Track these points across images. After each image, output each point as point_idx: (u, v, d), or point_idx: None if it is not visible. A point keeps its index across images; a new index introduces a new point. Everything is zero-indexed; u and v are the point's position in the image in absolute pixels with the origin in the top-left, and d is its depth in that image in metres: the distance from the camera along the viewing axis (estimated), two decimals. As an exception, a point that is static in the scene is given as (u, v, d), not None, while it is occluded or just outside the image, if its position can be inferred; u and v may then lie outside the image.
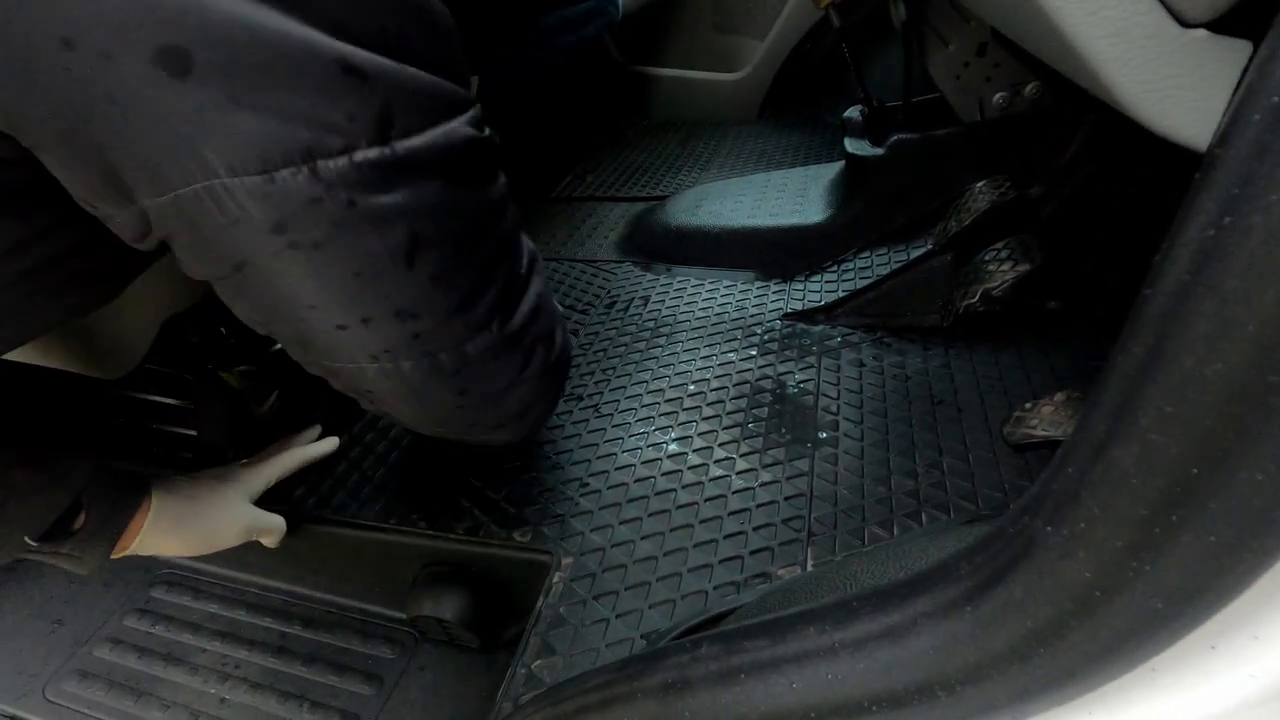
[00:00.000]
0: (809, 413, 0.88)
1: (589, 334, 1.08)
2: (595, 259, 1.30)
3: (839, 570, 0.48)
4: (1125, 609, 0.26)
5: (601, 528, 0.75)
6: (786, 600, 0.48)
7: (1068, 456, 0.27)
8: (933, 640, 0.30)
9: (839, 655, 0.32)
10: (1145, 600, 0.25)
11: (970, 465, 0.77)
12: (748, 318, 1.08)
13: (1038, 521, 0.28)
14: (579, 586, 0.69)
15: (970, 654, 0.29)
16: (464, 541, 0.76)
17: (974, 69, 1.10)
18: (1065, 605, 0.26)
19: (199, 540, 0.66)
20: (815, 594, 0.45)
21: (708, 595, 0.67)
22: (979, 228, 0.90)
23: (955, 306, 0.87)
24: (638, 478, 0.81)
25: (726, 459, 0.83)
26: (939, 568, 0.31)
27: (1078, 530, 0.26)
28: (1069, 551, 0.26)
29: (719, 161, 1.71)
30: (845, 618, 0.33)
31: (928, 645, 0.30)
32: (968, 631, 0.29)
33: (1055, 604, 0.26)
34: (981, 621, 0.28)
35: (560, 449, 0.87)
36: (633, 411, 0.91)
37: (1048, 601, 0.27)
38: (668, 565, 0.71)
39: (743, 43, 2.01)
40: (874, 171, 1.12)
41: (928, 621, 0.30)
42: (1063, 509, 0.26)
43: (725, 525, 0.74)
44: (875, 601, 0.33)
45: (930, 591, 0.31)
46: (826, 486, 0.78)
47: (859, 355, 0.97)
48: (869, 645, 0.31)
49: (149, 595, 0.89)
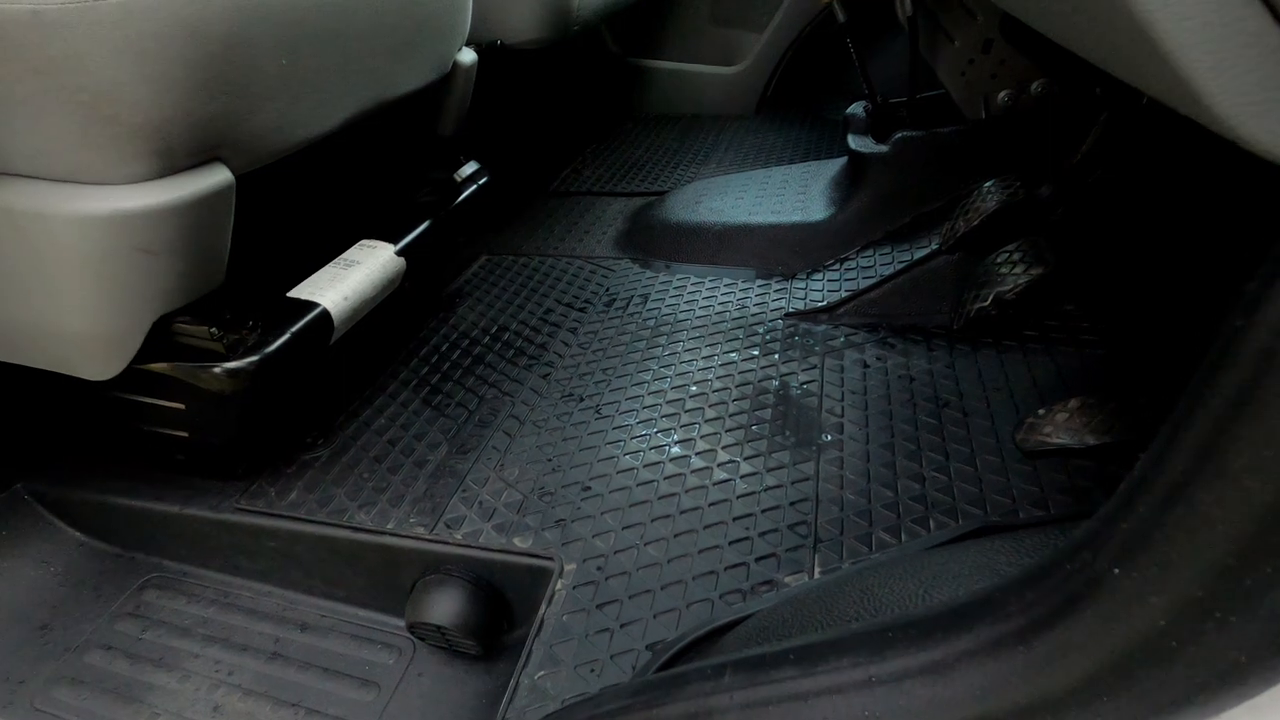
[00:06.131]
0: (813, 415, 0.87)
1: (588, 332, 1.07)
2: (594, 255, 1.28)
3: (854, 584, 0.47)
4: (1202, 660, 0.24)
5: (604, 533, 0.74)
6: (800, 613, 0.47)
7: (1137, 493, 0.25)
8: (979, 679, 0.28)
9: (875, 690, 0.30)
10: (1225, 652, 0.24)
11: (977, 470, 0.76)
12: (749, 317, 1.06)
13: (1101, 561, 0.26)
14: (582, 594, 0.68)
15: (1021, 695, 0.27)
16: (464, 547, 0.74)
17: (979, 66, 1.09)
18: (1134, 652, 0.25)
19: None
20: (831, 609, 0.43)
21: (713, 604, 0.66)
22: (987, 228, 0.89)
23: (966, 309, 0.86)
24: (640, 481, 0.80)
25: (730, 462, 0.81)
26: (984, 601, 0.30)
27: (1151, 574, 0.24)
28: (1140, 596, 0.25)
29: (718, 156, 1.70)
30: (881, 648, 0.32)
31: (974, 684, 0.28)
32: (1019, 672, 0.27)
33: (1122, 650, 0.25)
34: (1035, 663, 0.27)
35: (560, 451, 0.85)
36: (634, 413, 0.90)
37: (1113, 647, 0.25)
38: (672, 572, 0.69)
39: (741, 36, 1.99)
40: (877, 168, 1.11)
41: (973, 659, 0.29)
42: (1133, 550, 0.25)
43: (730, 531, 0.73)
44: (913, 633, 0.31)
45: (975, 627, 0.29)
46: (832, 490, 0.76)
47: (862, 356, 0.96)
48: (908, 681, 0.30)
49: (139, 599, 0.87)
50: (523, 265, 1.27)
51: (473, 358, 1.03)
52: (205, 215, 0.61)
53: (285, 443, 0.87)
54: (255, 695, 0.76)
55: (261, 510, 0.80)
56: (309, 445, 0.87)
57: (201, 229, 0.62)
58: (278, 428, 0.80)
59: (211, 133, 0.60)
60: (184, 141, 0.58)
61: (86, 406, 0.84)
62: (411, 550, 0.76)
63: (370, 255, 0.87)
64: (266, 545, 0.81)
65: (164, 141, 0.57)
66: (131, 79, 0.53)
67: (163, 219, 0.58)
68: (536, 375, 0.98)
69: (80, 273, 0.60)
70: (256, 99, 0.62)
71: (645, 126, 1.96)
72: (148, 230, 0.58)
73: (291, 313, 0.76)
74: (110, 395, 0.77)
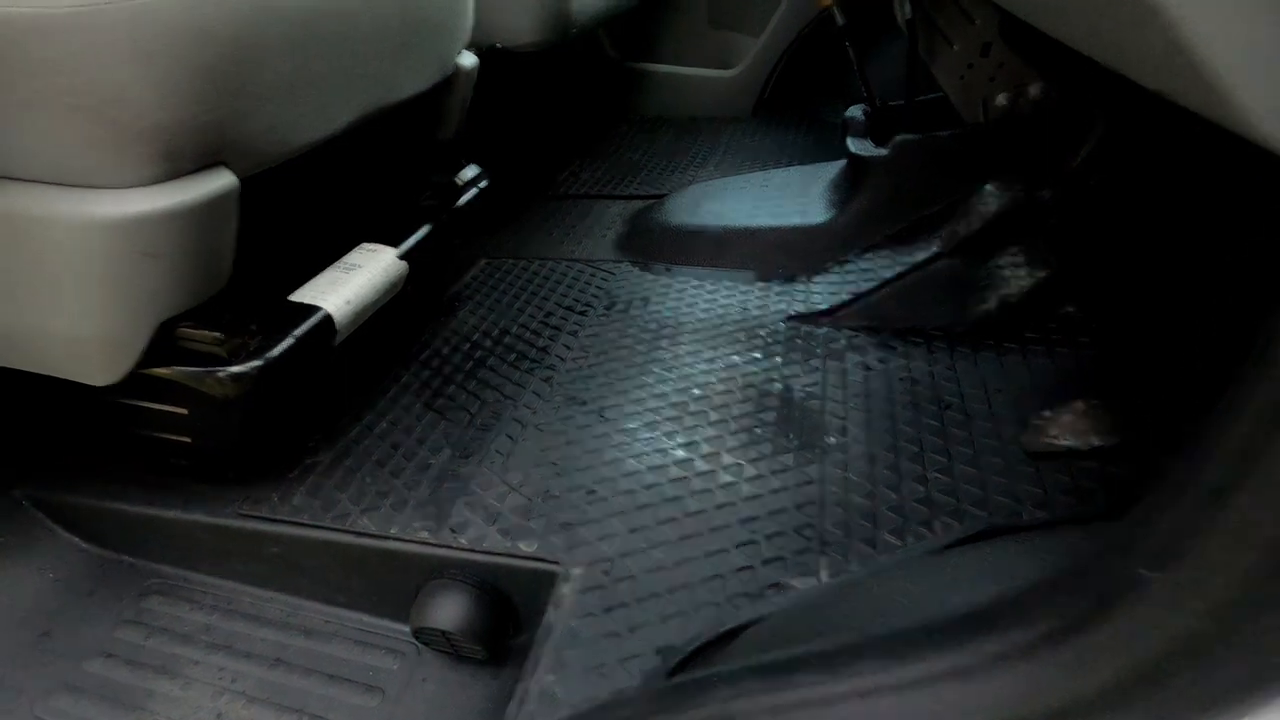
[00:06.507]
0: (816, 417, 0.87)
1: (589, 335, 1.07)
2: (593, 259, 1.28)
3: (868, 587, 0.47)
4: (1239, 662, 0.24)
5: (609, 537, 0.74)
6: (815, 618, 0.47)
7: (1172, 498, 0.25)
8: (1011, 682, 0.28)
9: (903, 694, 0.31)
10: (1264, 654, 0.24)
11: (981, 471, 0.76)
12: (750, 319, 1.07)
13: (1133, 564, 0.26)
14: (589, 598, 0.67)
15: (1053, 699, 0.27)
16: (469, 551, 0.74)
17: (978, 69, 1.09)
18: (1169, 656, 0.25)
19: None
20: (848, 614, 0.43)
21: (721, 607, 0.66)
22: (988, 231, 0.89)
23: (970, 313, 0.86)
24: (645, 485, 0.80)
25: (735, 465, 0.81)
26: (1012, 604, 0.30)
27: (1187, 578, 0.25)
28: (1176, 600, 0.25)
29: (716, 159, 1.70)
30: (905, 651, 0.32)
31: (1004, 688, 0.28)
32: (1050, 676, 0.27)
33: (1157, 653, 0.25)
34: (1069, 665, 0.27)
35: (564, 455, 0.85)
36: (637, 416, 0.89)
37: (1147, 650, 0.25)
38: (679, 576, 0.69)
39: (738, 39, 1.99)
40: (877, 172, 1.11)
41: (1003, 662, 0.29)
42: (1169, 554, 0.25)
43: (735, 534, 0.73)
44: (938, 637, 0.31)
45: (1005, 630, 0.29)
46: (836, 493, 0.76)
47: (864, 358, 0.96)
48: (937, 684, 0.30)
49: (140, 605, 0.86)
50: (522, 269, 1.27)
51: (474, 361, 1.03)
52: (210, 219, 0.61)
53: (287, 446, 0.86)
54: (258, 702, 0.75)
55: (264, 515, 0.80)
56: (311, 449, 0.87)
57: (206, 232, 0.62)
58: (280, 431, 0.80)
59: (216, 136, 0.59)
60: (189, 145, 0.58)
61: (85, 411, 0.83)
62: (416, 555, 0.76)
63: (372, 259, 0.87)
64: (269, 551, 0.81)
65: (169, 145, 0.56)
66: (138, 83, 0.53)
67: (168, 223, 0.58)
68: (538, 379, 0.98)
69: (83, 277, 0.59)
70: (262, 102, 0.62)
71: (641, 129, 1.96)
72: (153, 234, 0.58)
73: (294, 316, 0.76)
74: (110, 400, 0.76)
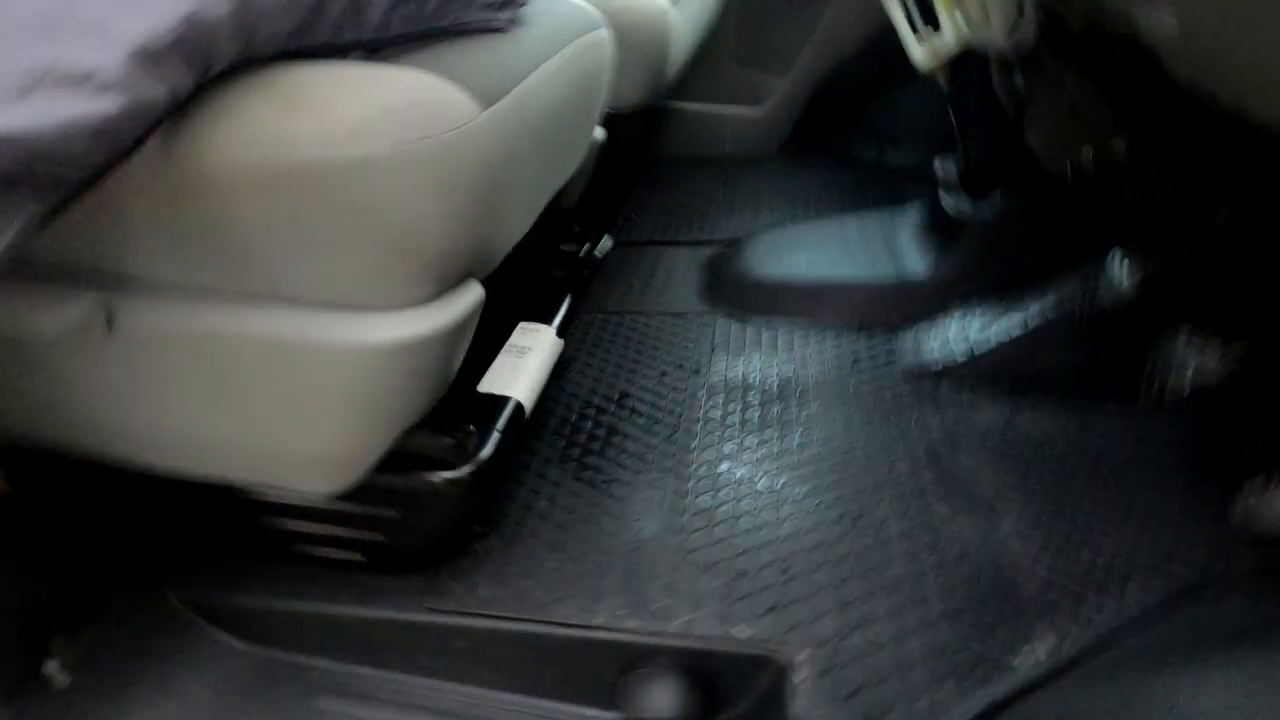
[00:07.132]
0: (970, 475, 0.90)
1: (713, 395, 1.07)
2: (685, 311, 1.29)
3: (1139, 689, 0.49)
4: None
5: (822, 616, 0.75)
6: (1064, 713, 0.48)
7: None
8: None
9: None
10: None
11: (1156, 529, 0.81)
12: (871, 375, 1.09)
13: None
14: (825, 684, 0.69)
15: None
16: (680, 638, 0.74)
17: (1063, 125, 1.14)
18: None
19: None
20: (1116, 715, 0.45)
21: (950, 686, 0.68)
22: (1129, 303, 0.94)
23: (1154, 389, 0.89)
24: (829, 559, 0.81)
25: (906, 532, 0.83)
26: None
27: None
28: None
29: (765, 201, 1.72)
30: None
31: None
32: None
33: None
34: None
35: (734, 530, 0.85)
36: (792, 486, 0.91)
37: None
38: (902, 654, 0.71)
39: (764, 78, 2.03)
40: (975, 226, 1.15)
41: None
42: None
43: (932, 606, 0.75)
44: None
45: None
46: (1021, 562, 0.79)
47: (1000, 414, 0.99)
48: None
49: (308, 703, 0.83)
50: (616, 324, 1.27)
51: (605, 428, 1.03)
52: (465, 331, 0.60)
53: (458, 534, 0.85)
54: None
55: (453, 609, 0.78)
56: (479, 535, 0.85)
57: (460, 343, 0.61)
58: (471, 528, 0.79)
59: (475, 254, 0.59)
60: (457, 265, 0.57)
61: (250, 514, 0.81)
62: (621, 644, 0.76)
63: (536, 339, 0.87)
64: (456, 644, 0.79)
65: (445, 268, 0.56)
66: (434, 215, 0.52)
67: (437, 341, 0.57)
68: (679, 447, 0.99)
69: (343, 396, 0.58)
70: (506, 215, 0.62)
71: (675, 169, 1.97)
72: (421, 353, 0.57)
73: (490, 409, 0.75)
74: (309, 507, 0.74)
